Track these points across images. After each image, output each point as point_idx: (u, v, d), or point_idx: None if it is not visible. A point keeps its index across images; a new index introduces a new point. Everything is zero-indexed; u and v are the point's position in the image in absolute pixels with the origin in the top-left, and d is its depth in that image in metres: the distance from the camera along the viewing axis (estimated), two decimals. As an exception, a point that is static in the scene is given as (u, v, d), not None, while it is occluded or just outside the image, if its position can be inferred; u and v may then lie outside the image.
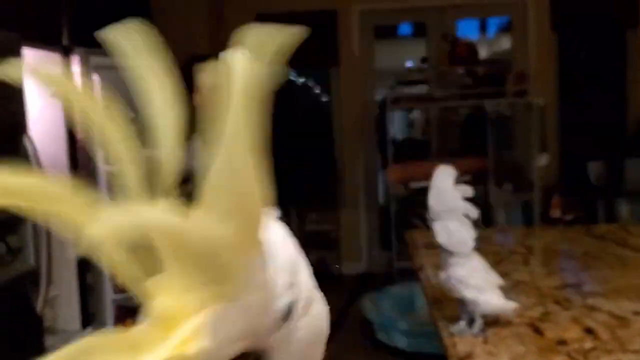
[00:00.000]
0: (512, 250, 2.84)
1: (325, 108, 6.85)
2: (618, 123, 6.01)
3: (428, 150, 6.14)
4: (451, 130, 6.14)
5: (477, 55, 5.90)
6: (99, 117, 0.41)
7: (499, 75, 5.55)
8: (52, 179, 0.39)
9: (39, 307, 2.88)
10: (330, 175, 6.18)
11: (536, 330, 1.70)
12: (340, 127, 6.28)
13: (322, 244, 6.16)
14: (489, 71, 5.66)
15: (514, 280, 2.19)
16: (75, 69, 3.64)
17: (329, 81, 6.43)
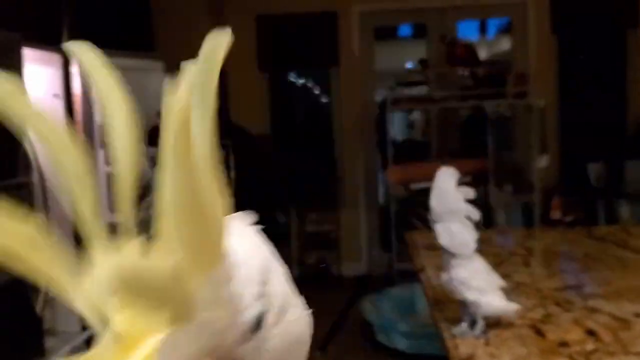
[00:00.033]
0: (513, 252, 2.84)
1: (325, 109, 6.85)
2: (618, 124, 6.01)
3: (428, 151, 6.14)
4: (451, 131, 6.14)
5: (477, 56, 5.89)
6: (58, 144, 0.41)
7: (499, 77, 5.55)
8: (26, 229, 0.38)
9: (38, 308, 2.88)
10: (330, 176, 6.18)
11: (538, 332, 1.70)
12: (340, 128, 6.28)
13: (322, 245, 6.16)
14: (489, 72, 5.66)
15: (514, 281, 2.19)
16: (75, 69, 3.64)
17: (329, 82, 6.43)
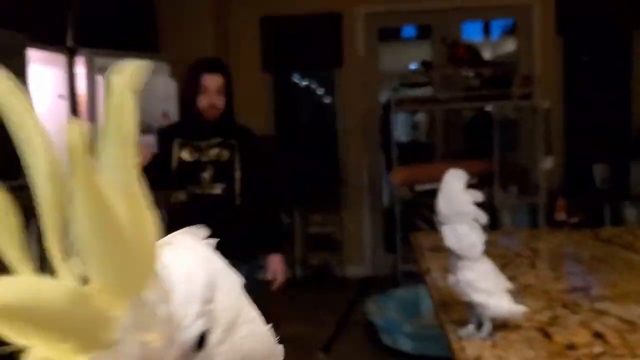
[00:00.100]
0: (519, 254, 2.83)
1: (329, 110, 6.84)
2: (623, 125, 5.99)
3: (432, 152, 6.13)
4: (456, 132, 6.13)
5: (480, 57, 5.86)
6: None
7: (504, 78, 5.53)
8: None
9: None
10: (333, 177, 6.17)
11: (545, 334, 1.69)
12: (344, 129, 6.27)
13: (326, 246, 6.15)
14: (494, 73, 5.64)
15: (521, 283, 2.18)
16: (80, 69, 3.64)
17: (333, 83, 6.42)
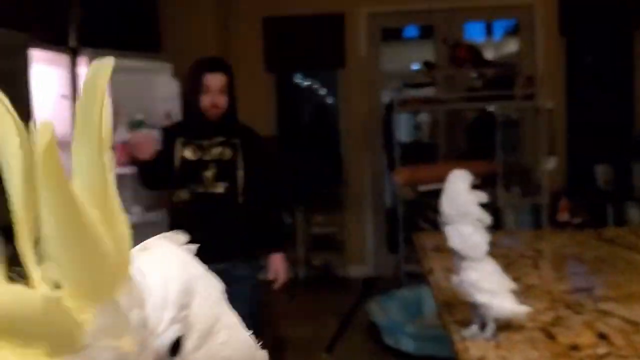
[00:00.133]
0: (522, 254, 2.82)
1: (332, 110, 6.84)
2: (626, 126, 5.98)
3: (435, 152, 6.12)
4: (458, 133, 6.12)
5: (481, 58, 5.85)
6: None
7: (506, 78, 5.52)
8: None
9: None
10: (336, 177, 6.17)
11: (549, 335, 1.68)
12: (347, 129, 6.26)
13: (328, 247, 6.14)
14: (497, 74, 5.63)
15: (524, 284, 2.17)
16: (83, 69, 3.64)
17: (335, 83, 6.42)
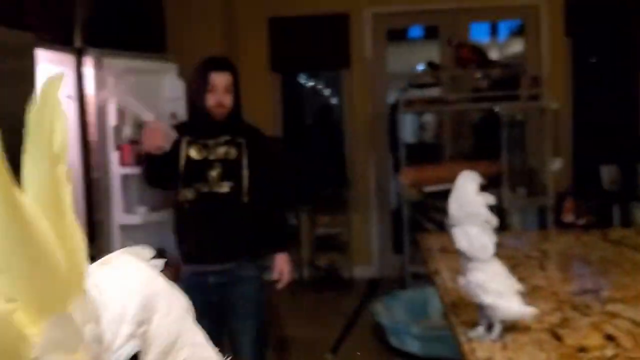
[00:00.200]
0: (528, 255, 2.81)
1: (337, 110, 6.83)
2: (631, 127, 5.97)
3: (440, 153, 6.10)
4: (464, 133, 6.10)
5: (486, 58, 5.83)
6: None
7: (512, 79, 5.51)
8: None
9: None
10: (341, 178, 6.16)
11: (556, 336, 1.68)
12: (352, 130, 6.26)
13: (333, 248, 6.13)
14: (503, 75, 5.62)
15: (531, 285, 2.17)
16: (88, 70, 3.64)
17: (340, 84, 6.41)
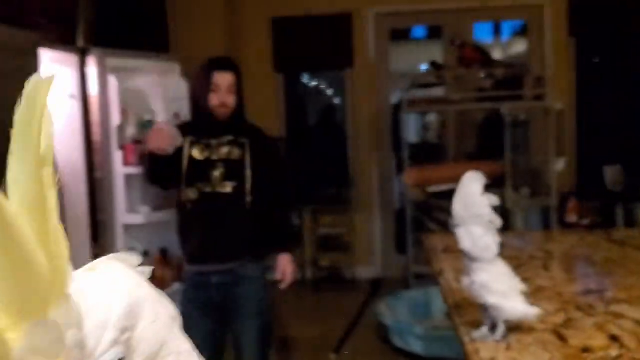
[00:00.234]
0: (532, 255, 2.80)
1: (340, 110, 6.82)
2: (635, 127, 5.95)
3: (444, 153, 6.10)
4: (467, 133, 6.09)
5: (489, 58, 5.81)
6: None
7: (516, 79, 5.50)
8: None
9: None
10: (344, 178, 6.16)
11: (560, 337, 1.67)
12: (355, 130, 6.25)
13: (336, 248, 6.13)
14: (506, 75, 5.60)
15: (535, 285, 2.16)
16: (92, 69, 3.64)
17: (343, 83, 6.41)
